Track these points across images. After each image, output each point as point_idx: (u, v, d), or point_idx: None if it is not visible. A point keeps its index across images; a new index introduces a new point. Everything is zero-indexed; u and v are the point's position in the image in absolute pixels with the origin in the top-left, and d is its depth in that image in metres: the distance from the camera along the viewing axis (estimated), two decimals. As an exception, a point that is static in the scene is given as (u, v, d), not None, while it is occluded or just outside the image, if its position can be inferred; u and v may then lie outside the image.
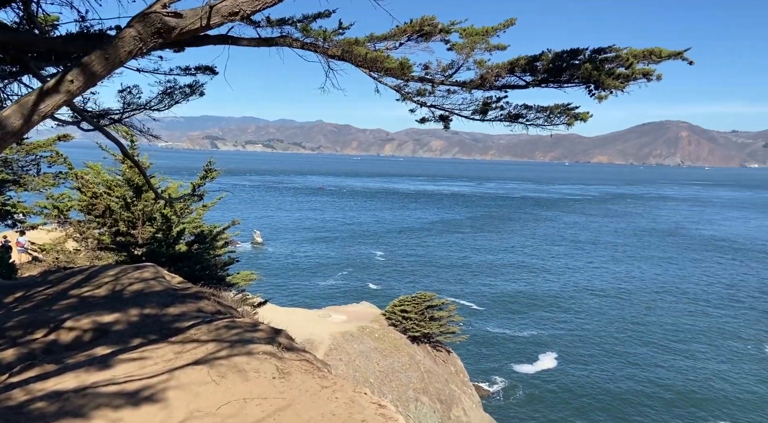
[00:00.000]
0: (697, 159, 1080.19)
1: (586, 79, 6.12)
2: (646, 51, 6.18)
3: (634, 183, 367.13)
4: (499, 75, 6.45)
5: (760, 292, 70.64)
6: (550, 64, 6.25)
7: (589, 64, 6.02)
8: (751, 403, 39.22)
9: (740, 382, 42.72)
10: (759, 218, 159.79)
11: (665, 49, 6.09)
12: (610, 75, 6.00)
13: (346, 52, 6.59)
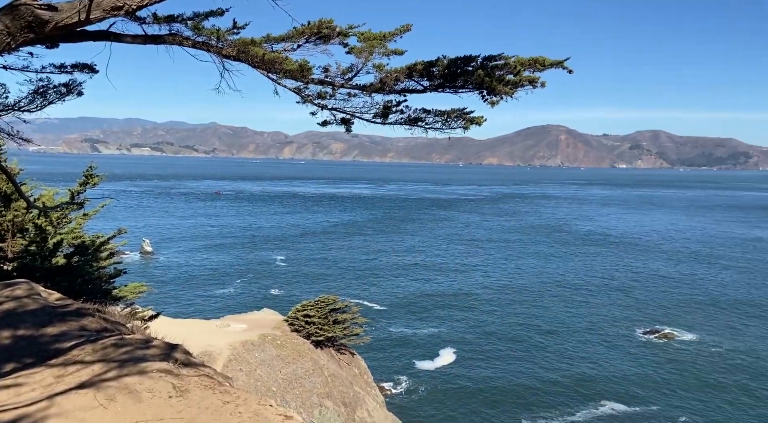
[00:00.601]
0: (574, 160, 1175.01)
1: (479, 85, 6.39)
2: (531, 59, 6.59)
3: (522, 183, 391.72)
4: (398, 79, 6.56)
5: (631, 280, 78.19)
6: (445, 69, 6.47)
7: (481, 71, 6.30)
8: (628, 380, 43.26)
9: (618, 362, 46.96)
10: (628, 213, 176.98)
11: (548, 58, 6.53)
12: (500, 81, 6.32)
13: (242, 52, 6.36)
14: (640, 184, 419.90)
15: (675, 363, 47.06)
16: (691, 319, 59.57)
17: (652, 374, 44.66)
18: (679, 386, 42.37)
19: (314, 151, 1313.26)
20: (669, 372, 45.12)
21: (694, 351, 49.91)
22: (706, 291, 72.27)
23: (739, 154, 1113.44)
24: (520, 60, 6.41)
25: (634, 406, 38.90)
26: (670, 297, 69.00)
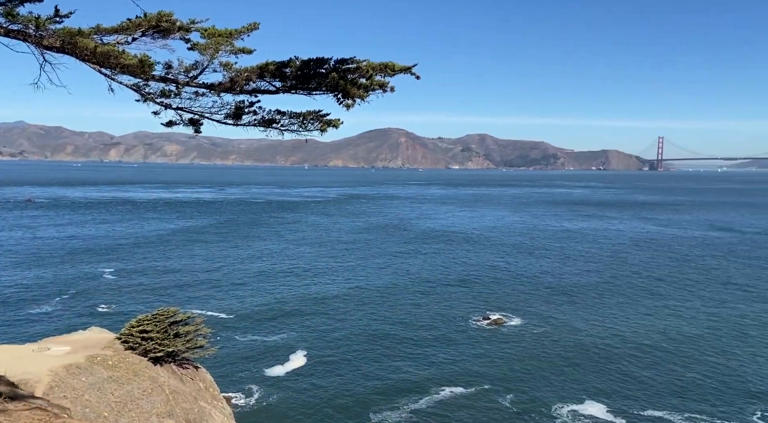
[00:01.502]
0: (414, 161, 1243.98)
1: (334, 88, 6.44)
2: (381, 64, 6.81)
3: (367, 184, 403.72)
4: (249, 79, 6.34)
5: (467, 272, 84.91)
6: (298, 71, 6.40)
7: (335, 74, 6.36)
8: (466, 364, 46.89)
9: (457, 349, 50.66)
10: (463, 211, 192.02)
11: (398, 64, 6.81)
12: (354, 84, 6.44)
13: (69, 43, 5.62)
14: (472, 183, 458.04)
15: (505, 344, 52.11)
16: (518, 304, 66.47)
17: (487, 356, 48.94)
18: (510, 365, 47.01)
19: (146, 154, 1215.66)
20: (501, 352, 49.83)
21: (520, 332, 55.76)
22: (529, 278, 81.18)
23: (550, 155, 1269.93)
24: (371, 64, 6.58)
25: (471, 387, 42.26)
26: (500, 286, 76.27)
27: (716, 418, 37.64)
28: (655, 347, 51.42)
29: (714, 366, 46.90)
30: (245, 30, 6.67)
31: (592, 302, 67.58)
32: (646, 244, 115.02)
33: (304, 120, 6.61)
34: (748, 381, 43.83)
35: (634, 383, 43.30)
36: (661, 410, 38.61)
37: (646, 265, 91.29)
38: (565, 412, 38.44)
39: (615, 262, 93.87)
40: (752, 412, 38.39)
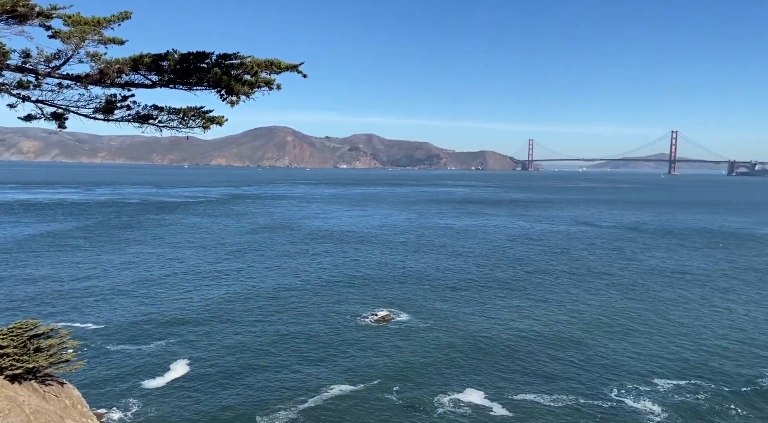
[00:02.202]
0: (301, 161, 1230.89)
1: (217, 84, 6.24)
2: (267, 61, 6.71)
3: (252, 184, 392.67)
4: (121, 71, 5.93)
5: (355, 270, 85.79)
6: (177, 64, 6.10)
7: (218, 69, 6.15)
8: (354, 362, 47.45)
9: (346, 347, 51.05)
10: (351, 210, 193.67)
11: (284, 62, 6.74)
12: (238, 81, 6.28)
13: None
14: (359, 182, 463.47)
15: (393, 339, 53.45)
16: (405, 300, 68.45)
17: (374, 352, 49.89)
18: (397, 359, 48.31)
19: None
20: (388, 348, 51.04)
21: (407, 327, 57.51)
22: (416, 274, 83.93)
23: (433, 156, 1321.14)
24: (256, 61, 6.45)
25: (359, 384, 42.85)
26: (388, 283, 78.04)
27: (580, 396, 41.52)
28: (529, 335, 55.57)
29: (579, 348, 51.72)
30: (115, 19, 6.25)
31: (475, 295, 71.43)
32: (521, 239, 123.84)
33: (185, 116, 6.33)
34: (608, 360, 48.89)
35: (510, 369, 46.50)
36: (532, 393, 41.82)
37: (521, 259, 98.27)
38: (446, 401, 40.31)
39: (495, 257, 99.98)
40: (611, 390, 42.87)
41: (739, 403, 40.53)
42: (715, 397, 41.39)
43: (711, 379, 44.92)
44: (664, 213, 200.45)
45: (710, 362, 48.72)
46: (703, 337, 55.74)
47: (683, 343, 53.85)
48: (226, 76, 6.07)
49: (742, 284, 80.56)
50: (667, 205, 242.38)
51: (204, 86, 6.20)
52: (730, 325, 60.12)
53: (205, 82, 6.14)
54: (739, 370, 46.85)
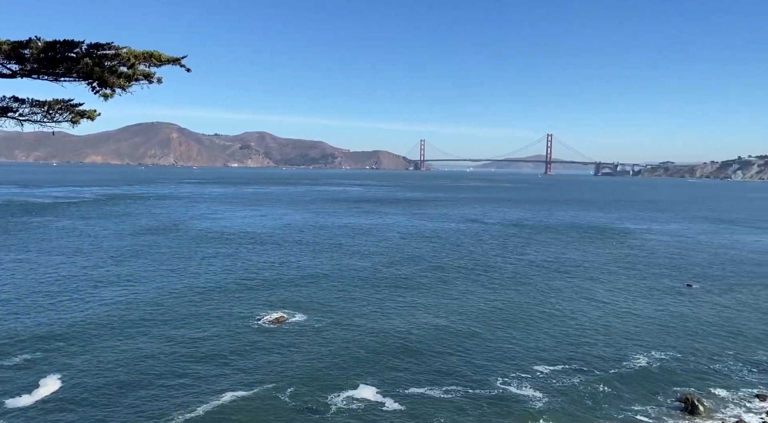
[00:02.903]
0: (188, 159, 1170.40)
1: (88, 75, 5.78)
2: (146, 53, 6.32)
3: (133, 183, 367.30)
4: (-28, 57, 5.28)
5: (248, 272, 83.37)
6: (41, 53, 5.56)
7: (89, 60, 5.70)
8: (246, 368, 46.16)
9: (238, 353, 49.50)
10: (244, 210, 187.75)
11: (164, 54, 6.39)
12: (113, 73, 5.86)
13: None
14: (252, 181, 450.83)
15: (287, 341, 52.69)
16: (300, 300, 67.73)
17: (268, 355, 48.88)
18: (291, 361, 47.70)
19: None
20: (282, 350, 50.23)
21: (302, 328, 56.98)
22: (311, 274, 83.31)
23: (328, 155, 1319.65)
24: (133, 52, 6.06)
25: (252, 389, 41.79)
26: (282, 284, 76.72)
27: (468, 387, 43.67)
28: (422, 330, 57.41)
29: (467, 340, 54.34)
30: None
31: (370, 293, 72.39)
32: (414, 237, 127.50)
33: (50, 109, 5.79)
34: (493, 351, 51.86)
35: (403, 364, 47.77)
36: (424, 386, 43.31)
37: (415, 256, 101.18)
38: (340, 400, 40.58)
39: (390, 255, 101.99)
40: (496, 379, 45.51)
41: (608, 383, 44.84)
42: (587, 379, 45.45)
43: (584, 362, 49.25)
44: (542, 210, 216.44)
45: (583, 347, 53.39)
46: (577, 324, 60.95)
47: (560, 330, 58.51)
48: (98, 67, 5.63)
49: (608, 274, 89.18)
50: (544, 203, 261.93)
51: (73, 77, 5.69)
52: (600, 311, 66.31)
53: (74, 73, 5.64)
54: (608, 353, 51.83)
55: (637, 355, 51.18)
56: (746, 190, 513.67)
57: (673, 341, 55.44)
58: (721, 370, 48.44)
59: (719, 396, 43.04)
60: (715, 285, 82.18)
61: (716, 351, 53.01)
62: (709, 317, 64.64)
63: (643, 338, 56.14)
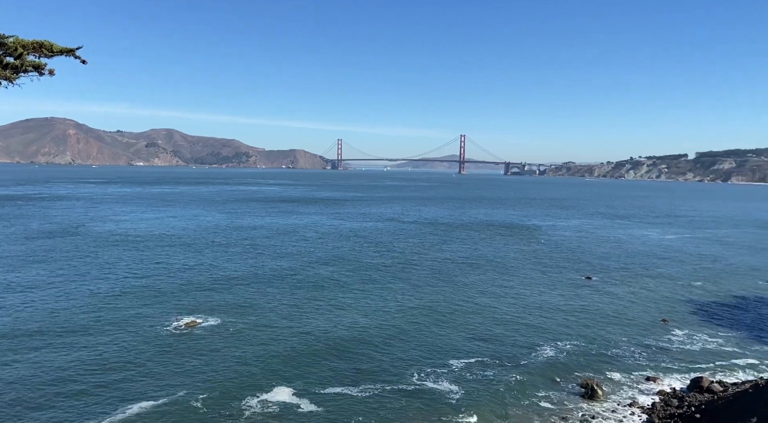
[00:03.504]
0: (87, 157, 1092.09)
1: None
2: (35, 43, 5.82)
3: (25, 183, 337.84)
4: None
5: (156, 275, 79.21)
6: None
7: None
8: (158, 375, 43.89)
9: (150, 361, 46.94)
10: (150, 211, 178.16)
11: (57, 44, 5.92)
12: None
13: None
14: (160, 181, 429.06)
15: (199, 347, 50.68)
16: (213, 304, 65.35)
17: (179, 362, 46.78)
18: (203, 367, 45.95)
19: None
20: (194, 356, 48.27)
21: (215, 332, 55.04)
22: (225, 276, 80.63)
23: (242, 153, 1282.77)
24: (21, 42, 5.56)
25: (163, 398, 39.84)
26: (194, 287, 73.66)
27: (385, 384, 44.21)
28: (338, 329, 57.34)
29: (384, 338, 54.96)
30: None
31: (286, 295, 71.25)
32: (333, 236, 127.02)
33: None
34: (410, 347, 52.81)
35: (319, 364, 47.51)
36: (340, 385, 43.34)
37: (333, 256, 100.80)
38: (254, 403, 39.73)
39: (307, 255, 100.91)
40: (412, 374, 46.39)
41: (518, 373, 47.06)
42: (499, 370, 47.45)
43: (497, 354, 51.37)
44: (456, 208, 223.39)
45: (496, 340, 55.69)
46: (489, 318, 63.46)
47: (474, 324, 60.65)
48: (-19, 55, 5.07)
49: (517, 268, 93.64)
50: (458, 201, 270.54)
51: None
52: (510, 305, 69.45)
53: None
54: (518, 344, 54.40)
55: (544, 345, 54.16)
56: (636, 188, 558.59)
57: (576, 331, 59.23)
58: (617, 355, 52.39)
59: (615, 380, 46.51)
60: (611, 277, 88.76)
61: (612, 338, 57.26)
62: (606, 307, 69.70)
63: (549, 329, 59.50)
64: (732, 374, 48.01)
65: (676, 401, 41.61)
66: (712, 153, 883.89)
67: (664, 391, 43.99)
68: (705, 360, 51.54)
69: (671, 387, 44.95)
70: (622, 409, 40.76)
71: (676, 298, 75.59)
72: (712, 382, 44.22)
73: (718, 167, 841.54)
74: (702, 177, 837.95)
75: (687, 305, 71.71)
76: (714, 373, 47.92)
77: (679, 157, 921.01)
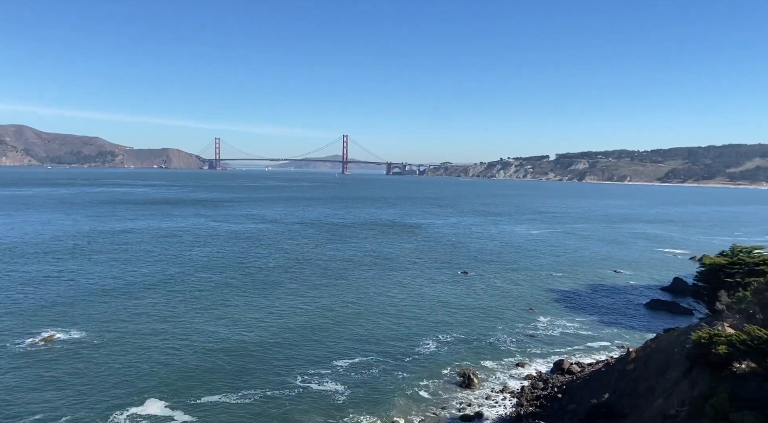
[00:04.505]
0: None
1: None
2: None
3: None
4: None
5: (3, 289, 70.40)
6: None
7: None
8: (15, 395, 38.97)
9: (4, 380, 41.59)
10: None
11: None
12: None
13: None
14: (8, 183, 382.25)
15: (60, 363, 45.88)
16: (75, 316, 59.46)
17: (38, 381, 42.01)
18: (64, 384, 41.66)
19: None
20: (55, 373, 43.61)
21: (77, 346, 50.14)
22: (87, 286, 73.70)
23: (107, 152, 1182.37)
24: None
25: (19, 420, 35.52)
26: (51, 298, 66.54)
27: (267, 389, 43.12)
28: (214, 336, 54.94)
29: (263, 343, 53.60)
30: None
31: (159, 303, 66.84)
32: (209, 240, 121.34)
33: None
34: (292, 351, 51.98)
35: (195, 374, 45.21)
36: (218, 394, 41.61)
37: (211, 260, 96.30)
38: (123, 419, 36.92)
39: (180, 260, 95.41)
40: (295, 378, 45.70)
41: (402, 368, 48.22)
42: (384, 367, 48.27)
43: (381, 352, 52.23)
44: (341, 208, 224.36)
45: (380, 337, 56.61)
46: (373, 316, 64.38)
47: (358, 323, 61.17)
48: None
49: (400, 266, 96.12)
50: (342, 201, 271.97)
51: None
52: (392, 303, 71.03)
53: None
54: (402, 340, 55.74)
55: (426, 338, 56.09)
56: (506, 186, 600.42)
57: (455, 323, 62.10)
58: (492, 344, 55.76)
59: (489, 367, 49.45)
60: (485, 270, 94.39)
61: (487, 328, 60.85)
62: (481, 299, 73.95)
63: (430, 323, 61.76)
64: (588, 355, 53.18)
65: (541, 384, 45.20)
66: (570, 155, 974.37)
67: (531, 375, 47.58)
68: (565, 344, 56.58)
69: (537, 371, 48.74)
70: (494, 395, 43.40)
71: (542, 287, 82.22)
72: (571, 364, 48.63)
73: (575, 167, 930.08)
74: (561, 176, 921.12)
75: (550, 294, 78.28)
76: (573, 355, 52.73)
77: (542, 158, 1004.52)
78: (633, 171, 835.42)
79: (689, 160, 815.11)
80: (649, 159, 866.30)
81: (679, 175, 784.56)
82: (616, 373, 39.69)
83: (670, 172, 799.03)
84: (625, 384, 36.91)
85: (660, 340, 38.96)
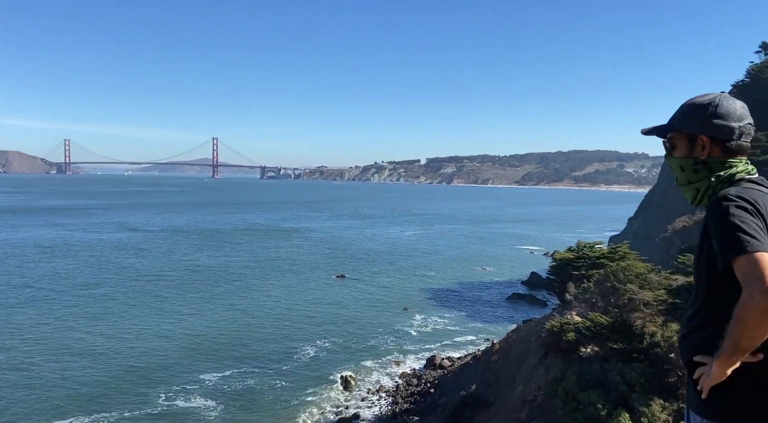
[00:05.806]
0: None
1: None
2: None
3: None
4: None
5: None
6: None
7: None
8: None
9: None
10: None
11: None
12: None
13: None
14: None
15: None
16: None
17: None
18: None
19: None
20: None
21: None
22: None
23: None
24: None
25: None
26: None
27: (126, 410, 39.84)
28: (66, 356, 49.68)
29: (120, 362, 49.54)
30: None
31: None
32: (61, 251, 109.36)
33: None
34: (151, 367, 48.55)
35: (45, 398, 40.51)
36: (70, 418, 37.70)
37: (62, 274, 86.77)
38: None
39: (25, 275, 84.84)
40: (158, 395, 42.69)
41: (282, 377, 47.06)
42: (262, 379, 46.76)
43: (258, 361, 50.57)
44: (212, 213, 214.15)
45: (256, 346, 54.79)
46: (246, 324, 62.17)
47: (228, 332, 58.67)
48: None
49: (274, 272, 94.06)
50: (213, 206, 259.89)
51: None
52: (268, 310, 69.22)
53: None
54: (279, 349, 54.42)
55: (304, 345, 55.35)
56: (380, 189, 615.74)
57: (332, 327, 62.07)
58: (369, 345, 56.56)
59: (368, 368, 50.13)
60: (361, 273, 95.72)
61: (365, 330, 61.65)
62: (358, 302, 74.82)
63: (307, 329, 61.10)
64: (457, 349, 56.07)
65: (415, 380, 46.78)
66: (439, 159, 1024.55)
67: (406, 372, 49.07)
68: (437, 340, 59.15)
69: (412, 368, 50.38)
70: (370, 396, 44.08)
71: (415, 287, 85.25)
72: (443, 359, 50.94)
73: (444, 171, 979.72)
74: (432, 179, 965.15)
75: (424, 293, 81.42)
76: (444, 351, 55.28)
77: (414, 162, 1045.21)
78: (495, 174, 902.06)
79: (542, 164, 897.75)
80: (509, 163, 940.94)
81: (534, 177, 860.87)
82: (482, 365, 42.29)
83: (526, 176, 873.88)
84: (491, 374, 39.45)
85: (520, 331, 42.24)
